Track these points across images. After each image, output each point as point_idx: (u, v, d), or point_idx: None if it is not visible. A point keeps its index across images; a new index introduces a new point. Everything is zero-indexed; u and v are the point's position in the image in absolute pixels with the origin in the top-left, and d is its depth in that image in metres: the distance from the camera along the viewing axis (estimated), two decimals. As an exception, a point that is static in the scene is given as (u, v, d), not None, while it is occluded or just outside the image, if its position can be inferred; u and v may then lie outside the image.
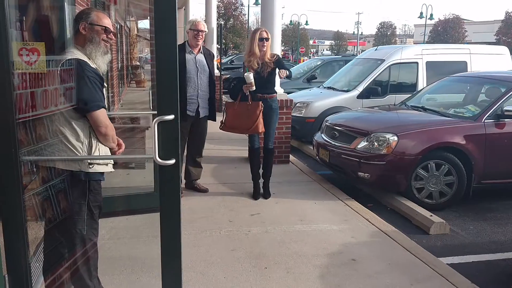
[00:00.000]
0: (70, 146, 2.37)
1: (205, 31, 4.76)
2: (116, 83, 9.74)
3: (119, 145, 2.61)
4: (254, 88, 4.55)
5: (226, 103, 4.86)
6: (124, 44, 13.34)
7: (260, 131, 4.68)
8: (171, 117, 2.19)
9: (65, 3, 3.36)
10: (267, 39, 4.63)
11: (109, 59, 2.58)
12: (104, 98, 2.48)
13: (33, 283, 2.49)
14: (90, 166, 2.43)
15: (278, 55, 4.85)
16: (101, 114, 2.40)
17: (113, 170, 2.60)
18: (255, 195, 4.91)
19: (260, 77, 4.58)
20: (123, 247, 3.57)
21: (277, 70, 4.69)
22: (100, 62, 2.46)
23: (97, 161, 2.48)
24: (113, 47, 9.43)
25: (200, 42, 4.74)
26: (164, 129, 2.22)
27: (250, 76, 4.50)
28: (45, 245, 2.58)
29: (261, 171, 4.99)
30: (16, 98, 2.14)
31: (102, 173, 2.54)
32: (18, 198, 2.24)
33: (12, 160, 2.20)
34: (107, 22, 2.47)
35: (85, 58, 2.38)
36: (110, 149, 2.58)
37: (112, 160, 2.62)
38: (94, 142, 2.44)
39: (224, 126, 4.83)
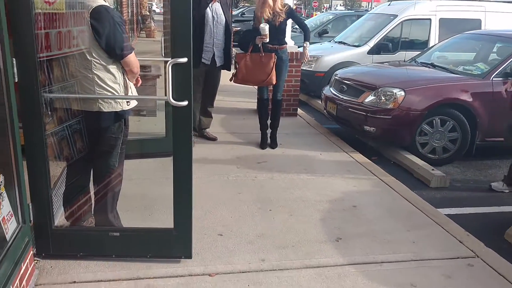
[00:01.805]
0: (110, 89, 2.55)
1: None
2: (126, 31, 9.71)
3: (137, 79, 2.80)
4: (268, 40, 4.57)
5: (237, 55, 4.79)
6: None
7: (274, 83, 4.73)
8: (185, 60, 2.30)
9: None
10: None
11: None
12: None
13: (54, 213, 2.69)
14: (128, 104, 2.65)
15: (289, 5, 4.83)
16: (134, 56, 2.58)
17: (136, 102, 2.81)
18: (262, 145, 5.04)
19: (271, 27, 4.58)
20: (135, 187, 3.74)
21: (289, 21, 4.67)
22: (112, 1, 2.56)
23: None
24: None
25: None
26: (178, 72, 2.33)
27: (266, 28, 4.50)
28: (68, 178, 2.78)
29: (269, 122, 5.11)
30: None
31: None
32: (40, 135, 2.40)
33: (34, 98, 2.33)
34: None
35: (106, 3, 2.47)
36: None
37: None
38: (126, 81, 2.63)
39: (236, 79, 4.80)
